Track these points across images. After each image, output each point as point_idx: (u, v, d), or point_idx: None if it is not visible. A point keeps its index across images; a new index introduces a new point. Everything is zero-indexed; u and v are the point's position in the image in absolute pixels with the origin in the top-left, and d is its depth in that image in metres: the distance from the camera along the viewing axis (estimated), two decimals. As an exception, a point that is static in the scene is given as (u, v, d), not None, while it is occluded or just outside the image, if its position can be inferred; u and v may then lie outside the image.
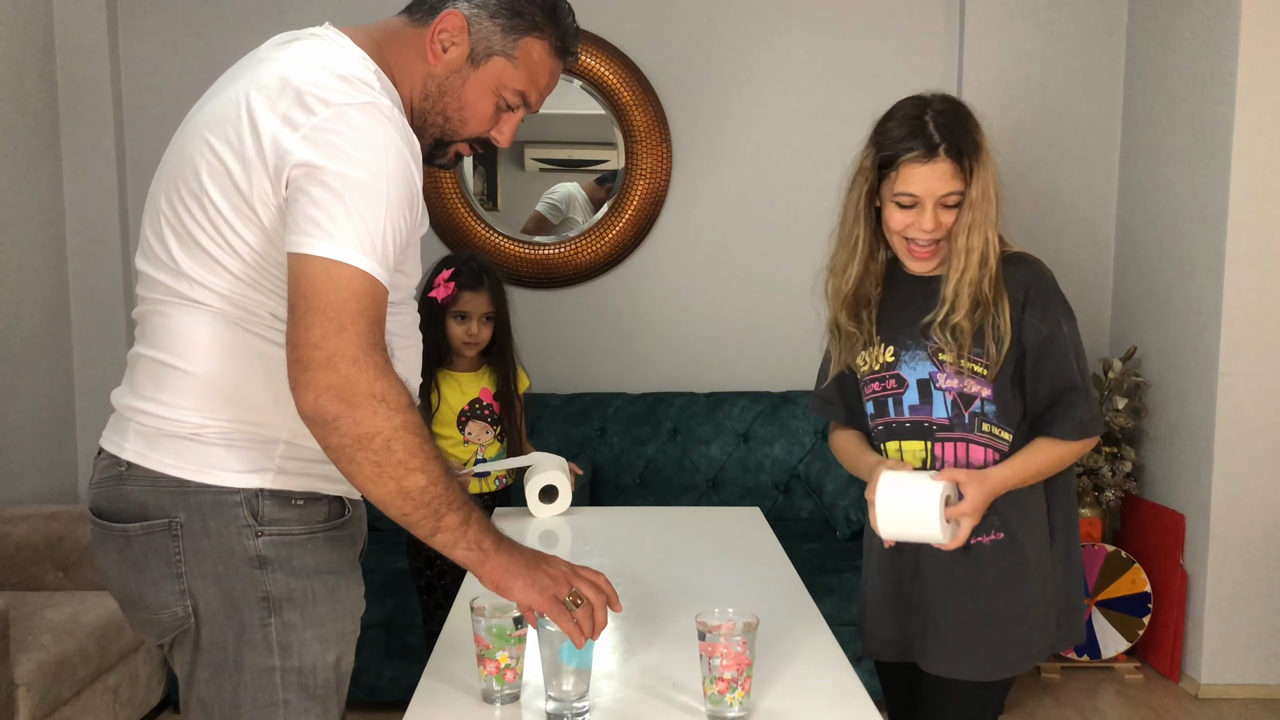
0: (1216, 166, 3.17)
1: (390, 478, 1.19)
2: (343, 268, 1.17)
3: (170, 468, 1.29)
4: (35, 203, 3.42)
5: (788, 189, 3.75)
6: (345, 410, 1.16)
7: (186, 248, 1.28)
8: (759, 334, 3.80)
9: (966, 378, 1.68)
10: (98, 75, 3.57)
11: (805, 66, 3.72)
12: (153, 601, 1.31)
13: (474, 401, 2.58)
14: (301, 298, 1.17)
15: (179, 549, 1.29)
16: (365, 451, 1.17)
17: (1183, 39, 3.36)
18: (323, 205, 1.18)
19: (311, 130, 1.20)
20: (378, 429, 1.17)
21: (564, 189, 3.79)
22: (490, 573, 1.27)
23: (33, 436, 3.38)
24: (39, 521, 2.97)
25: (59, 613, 2.66)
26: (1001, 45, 3.65)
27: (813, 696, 1.40)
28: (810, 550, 3.16)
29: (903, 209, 1.66)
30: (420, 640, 2.90)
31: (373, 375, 1.17)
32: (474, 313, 2.53)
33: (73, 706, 2.57)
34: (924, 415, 1.71)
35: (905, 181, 1.64)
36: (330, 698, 1.35)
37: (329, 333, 1.16)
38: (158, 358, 1.31)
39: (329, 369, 1.15)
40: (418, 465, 1.19)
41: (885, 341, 1.76)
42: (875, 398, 1.77)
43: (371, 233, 1.19)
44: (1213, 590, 3.21)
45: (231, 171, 1.24)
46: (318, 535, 1.34)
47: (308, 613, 1.31)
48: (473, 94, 1.38)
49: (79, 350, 3.63)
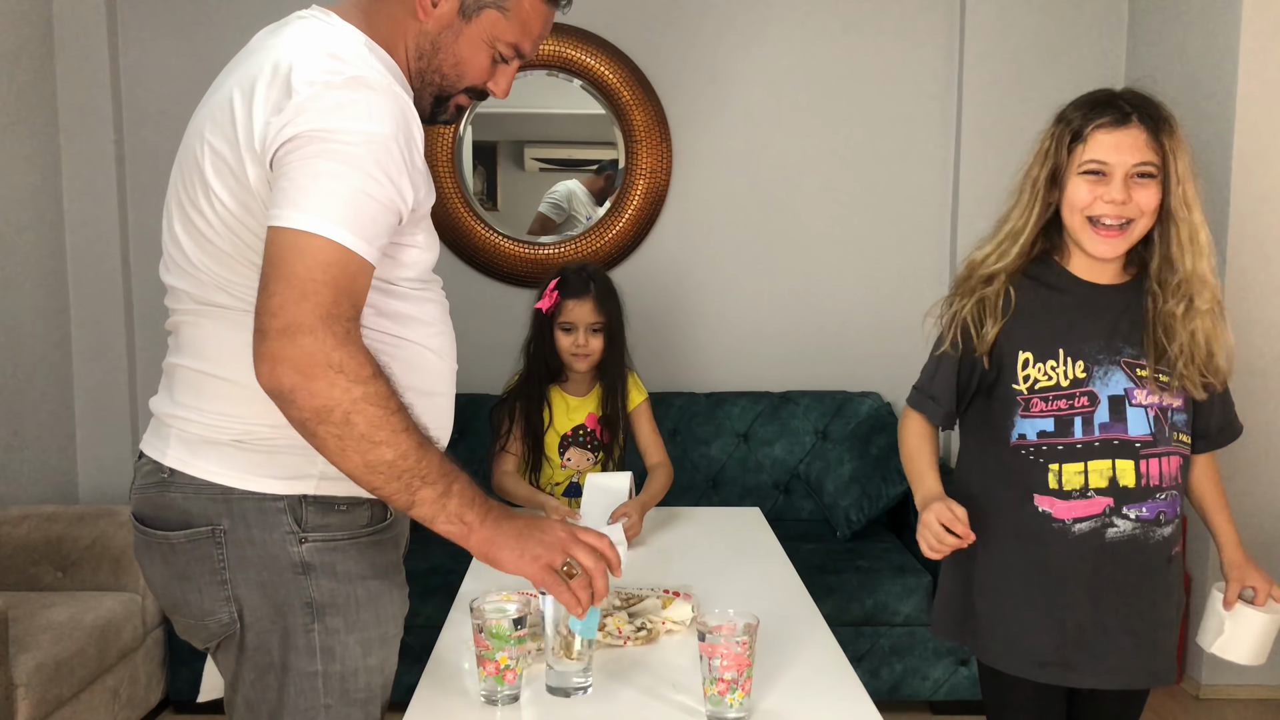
0: (1217, 166, 3.16)
1: (355, 451, 1.15)
2: (312, 238, 1.14)
3: (213, 475, 1.29)
4: (35, 203, 3.42)
5: (788, 189, 3.75)
6: (301, 382, 1.12)
7: (203, 248, 1.27)
8: (759, 334, 3.80)
9: (1163, 391, 1.60)
10: (98, 75, 3.57)
11: (805, 66, 3.72)
12: (198, 608, 1.31)
13: (578, 428, 2.46)
14: (270, 266, 1.14)
15: (223, 556, 1.29)
16: (325, 425, 1.14)
17: (1183, 39, 3.36)
18: (296, 178, 1.16)
19: (293, 109, 1.18)
20: (335, 401, 1.13)
21: (564, 186, 3.79)
22: (477, 545, 1.24)
23: (33, 436, 3.38)
24: (39, 521, 2.97)
25: (59, 613, 2.66)
26: (1001, 45, 3.65)
27: (813, 697, 1.40)
28: (810, 550, 3.16)
29: (1089, 178, 1.54)
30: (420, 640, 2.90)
31: (330, 345, 1.12)
32: (579, 323, 2.39)
33: (73, 706, 2.57)
34: (1118, 433, 1.59)
35: (1094, 149, 1.53)
36: (372, 702, 1.36)
37: (289, 300, 1.12)
38: (195, 366, 1.31)
39: (285, 339, 1.11)
40: (383, 439, 1.15)
41: (1072, 356, 1.60)
42: (1058, 416, 1.60)
43: (347, 203, 1.16)
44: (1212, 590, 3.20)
45: (230, 164, 1.23)
46: (360, 540, 1.33)
47: (350, 618, 1.31)
48: (466, 48, 1.37)
49: (79, 350, 3.63)
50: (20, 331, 3.32)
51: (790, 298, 3.80)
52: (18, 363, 3.31)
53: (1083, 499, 1.60)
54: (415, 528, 1.47)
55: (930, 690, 3.06)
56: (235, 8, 3.64)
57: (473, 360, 3.78)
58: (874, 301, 3.80)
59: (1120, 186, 1.51)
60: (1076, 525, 1.61)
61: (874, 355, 3.80)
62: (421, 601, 2.99)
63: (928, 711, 3.12)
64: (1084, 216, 1.56)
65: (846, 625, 2.98)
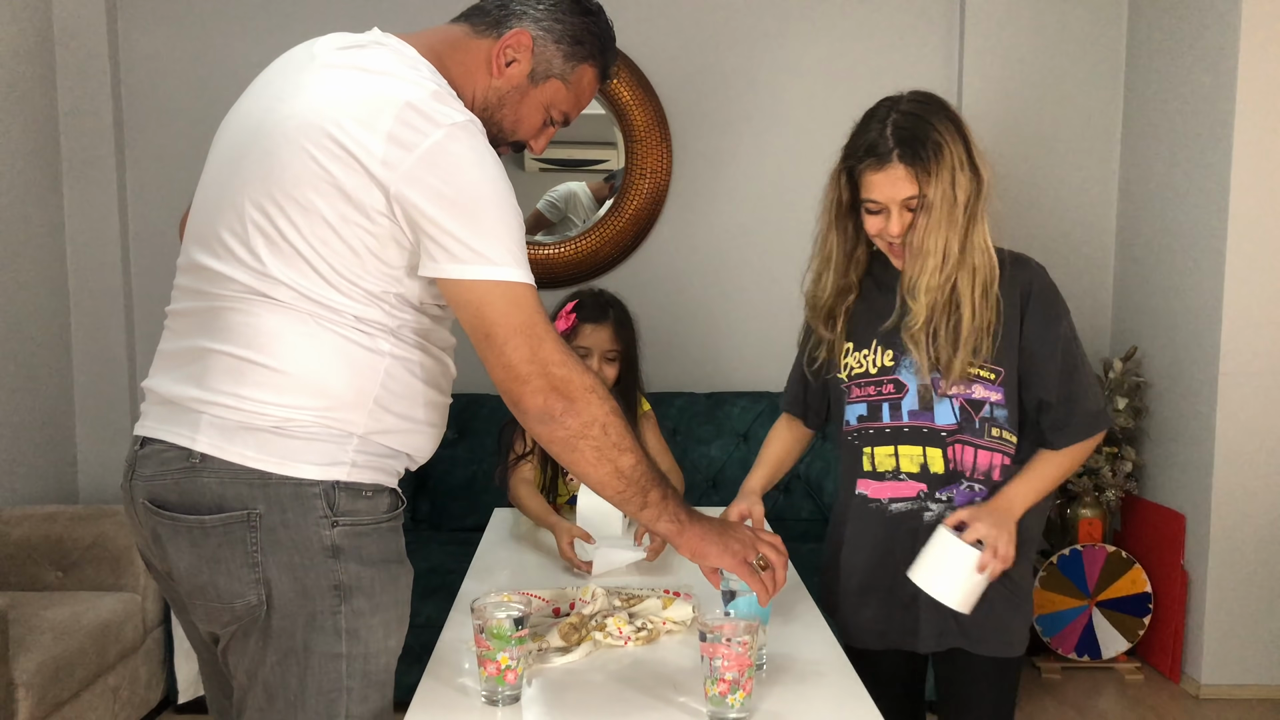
0: (1217, 166, 3.17)
1: (608, 459, 1.35)
2: (513, 287, 1.31)
3: (251, 460, 1.31)
4: (35, 204, 3.42)
5: (788, 188, 3.75)
6: (568, 405, 1.32)
7: (278, 251, 1.30)
8: (759, 334, 3.80)
9: (973, 383, 1.68)
10: (98, 76, 3.57)
11: (805, 66, 3.72)
12: (226, 591, 1.33)
13: None
14: (494, 325, 1.31)
15: (256, 539, 1.31)
16: (585, 439, 1.34)
17: (1183, 39, 3.36)
18: (469, 230, 1.29)
19: (426, 153, 1.27)
20: (594, 416, 1.33)
21: (566, 187, 3.79)
22: (688, 541, 1.45)
23: (33, 436, 3.38)
24: (39, 521, 2.97)
25: (59, 613, 2.66)
26: (1002, 45, 3.65)
27: (814, 697, 1.40)
28: (810, 550, 3.15)
29: (871, 214, 1.71)
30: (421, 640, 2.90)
31: (580, 370, 1.34)
32: (595, 349, 2.33)
33: (73, 706, 2.57)
34: (926, 421, 1.71)
35: (867, 189, 1.70)
36: (389, 683, 1.41)
37: (534, 348, 1.31)
38: (238, 354, 1.32)
39: (547, 377, 1.32)
40: (628, 446, 1.36)
41: (883, 345, 1.74)
42: (869, 401, 1.76)
43: (514, 244, 1.32)
44: (1213, 590, 3.21)
45: (340, 183, 1.27)
46: (382, 525, 1.38)
47: (374, 599, 1.36)
48: (528, 109, 1.49)
49: (79, 351, 3.63)
50: (20, 331, 3.32)
51: (790, 298, 3.77)
52: (18, 363, 3.31)
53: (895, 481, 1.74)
54: None
55: (930, 690, 3.05)
56: (235, 8, 3.64)
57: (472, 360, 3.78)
58: (874, 301, 3.80)
59: (896, 220, 1.68)
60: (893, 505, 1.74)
61: (874, 355, 3.80)
62: (421, 601, 2.98)
63: (928, 711, 3.12)
64: (879, 239, 1.74)
65: (846, 625, 2.98)
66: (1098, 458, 3.44)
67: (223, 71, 3.63)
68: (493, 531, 2.26)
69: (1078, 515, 3.44)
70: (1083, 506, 3.43)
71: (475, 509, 3.36)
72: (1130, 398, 3.50)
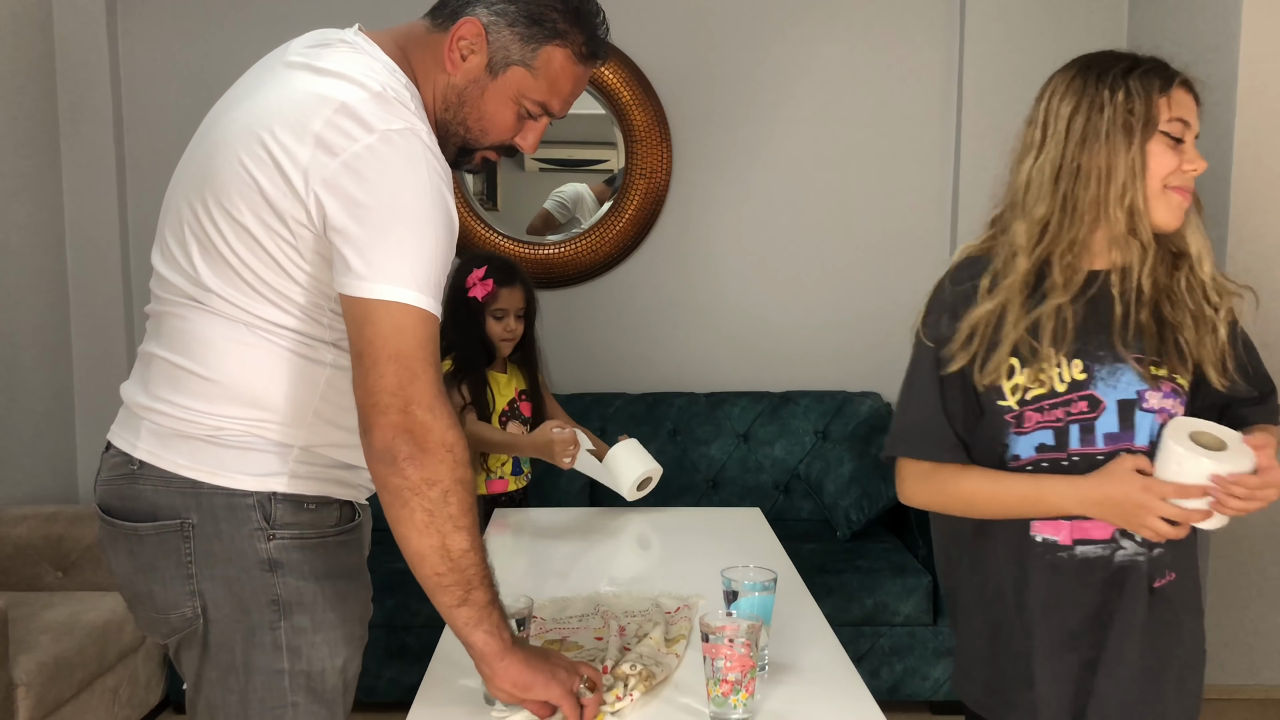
0: (1217, 166, 3.16)
1: (438, 531, 1.19)
2: (406, 311, 1.19)
3: (184, 468, 1.29)
4: (35, 204, 3.42)
5: (787, 189, 3.75)
6: (416, 452, 1.18)
7: (209, 259, 1.27)
8: (759, 334, 3.80)
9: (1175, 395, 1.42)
10: (98, 77, 3.56)
11: (805, 66, 3.72)
12: (162, 601, 1.31)
13: (511, 402, 2.61)
14: (369, 344, 1.19)
15: (190, 550, 1.28)
16: (421, 497, 1.18)
17: (1183, 39, 3.36)
18: (375, 243, 1.18)
19: (352, 158, 1.19)
20: (440, 476, 1.19)
21: (573, 189, 3.78)
22: (509, 668, 1.23)
23: (33, 436, 3.38)
24: (39, 521, 2.97)
25: (59, 613, 2.66)
26: (1002, 45, 3.65)
27: (816, 697, 1.40)
28: (810, 550, 3.16)
29: (1171, 145, 1.38)
30: (421, 640, 2.90)
31: (445, 424, 1.19)
32: (510, 309, 2.57)
33: (73, 706, 2.57)
34: (1125, 443, 1.40)
35: (1179, 107, 1.37)
36: (338, 702, 1.35)
37: (404, 381, 1.18)
38: (175, 361, 1.30)
39: (406, 414, 1.18)
40: (466, 525, 1.21)
41: (1068, 355, 1.41)
42: (1054, 427, 1.41)
43: (424, 267, 1.20)
44: (1213, 590, 3.21)
45: (264, 191, 1.22)
46: (329, 539, 1.33)
47: (317, 617, 1.31)
48: (492, 104, 1.35)
49: (79, 350, 3.63)
50: (20, 331, 3.32)
51: (790, 297, 3.80)
52: (18, 363, 3.31)
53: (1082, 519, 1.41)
54: (377, 530, 1.47)
55: (930, 690, 3.06)
56: (235, 8, 3.63)
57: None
58: (874, 301, 3.80)
59: (1193, 150, 1.40)
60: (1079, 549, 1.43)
61: (874, 355, 3.80)
62: (421, 602, 2.99)
63: (927, 712, 3.13)
64: (1164, 185, 1.40)
65: (846, 625, 2.98)
66: (1098, 458, 3.43)
67: (223, 72, 3.61)
68: (493, 531, 2.26)
69: (1078, 515, 3.43)
70: (1083, 506, 3.43)
71: (475, 509, 3.35)
72: (1130, 398, 3.49)
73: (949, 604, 1.61)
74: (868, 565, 3.07)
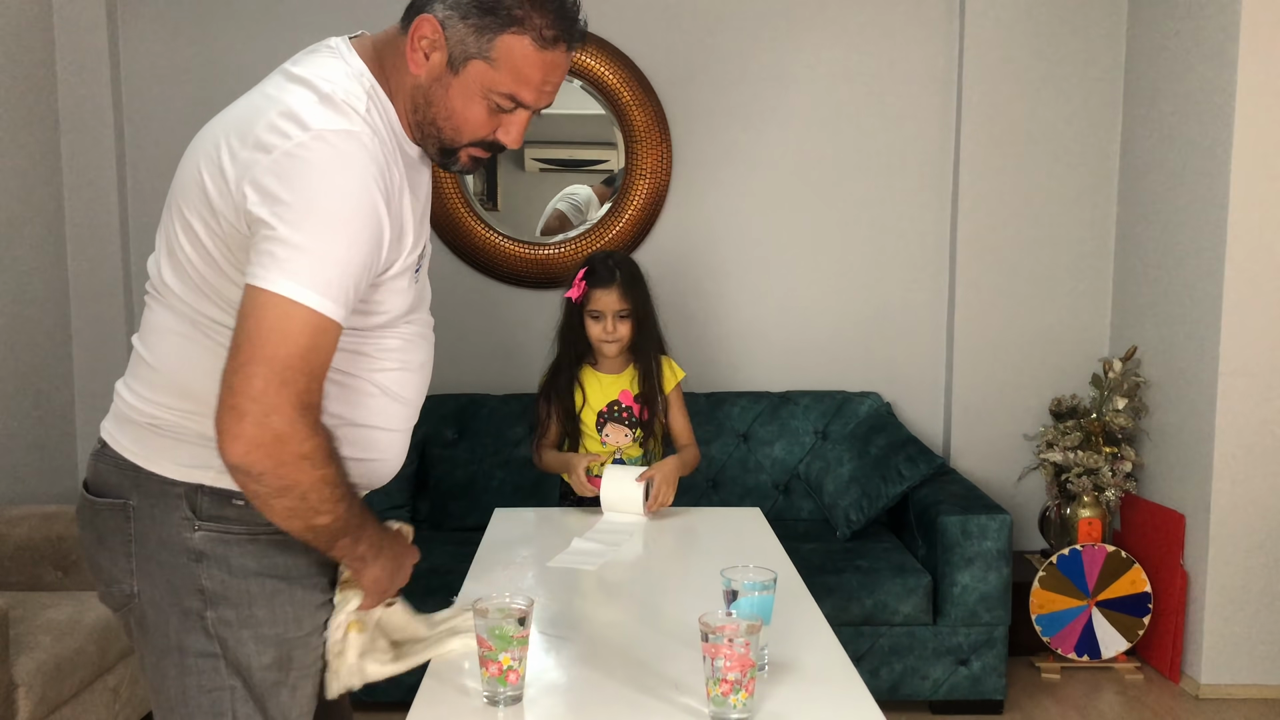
0: (1217, 166, 3.17)
1: (300, 518, 1.23)
2: (295, 310, 1.16)
3: (128, 452, 1.36)
4: (35, 203, 3.42)
5: (788, 189, 3.75)
6: (272, 467, 1.18)
7: (170, 258, 1.33)
8: (759, 334, 3.80)
9: None
10: (98, 77, 3.57)
11: (805, 66, 3.72)
12: (109, 574, 1.38)
13: (613, 404, 2.53)
14: (248, 339, 1.16)
15: (130, 530, 1.34)
16: (283, 499, 1.21)
17: (1183, 38, 3.36)
18: (282, 238, 1.17)
19: (281, 155, 1.19)
20: (297, 482, 1.20)
21: (584, 190, 3.79)
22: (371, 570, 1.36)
23: (33, 436, 3.38)
24: (39, 521, 2.96)
25: (59, 613, 2.65)
26: (1001, 45, 3.65)
27: (816, 697, 1.40)
28: (810, 550, 3.16)
29: None
30: (420, 640, 2.90)
31: (303, 436, 1.18)
32: (607, 311, 2.47)
33: (73, 706, 2.57)
34: None
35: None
36: (268, 699, 1.36)
37: (270, 388, 1.16)
38: (136, 348, 1.39)
39: (263, 426, 1.16)
40: (327, 509, 1.24)
41: None
42: None
43: (328, 270, 1.18)
44: (1213, 590, 3.21)
45: (208, 191, 1.26)
46: (260, 538, 1.34)
47: (243, 613, 1.34)
48: (458, 101, 1.31)
49: (79, 350, 3.63)
50: (20, 331, 3.32)
51: (790, 298, 3.80)
52: (18, 363, 3.31)
53: None
54: None
55: (930, 690, 3.06)
56: (235, 8, 3.63)
57: (472, 360, 3.79)
58: (874, 301, 3.80)
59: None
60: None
61: (874, 355, 3.81)
62: (421, 602, 2.97)
63: (927, 711, 3.13)
64: None
65: (846, 625, 2.98)
66: (1097, 458, 3.43)
67: (223, 72, 3.63)
68: (493, 531, 2.26)
69: (1077, 515, 3.44)
70: (1082, 506, 3.43)
71: (475, 509, 3.35)
72: (1130, 398, 3.50)
73: None
74: (868, 565, 3.07)
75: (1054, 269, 3.76)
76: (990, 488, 3.73)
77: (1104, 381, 3.55)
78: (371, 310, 1.34)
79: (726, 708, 1.30)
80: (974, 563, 3.01)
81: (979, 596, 3.02)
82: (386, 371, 1.40)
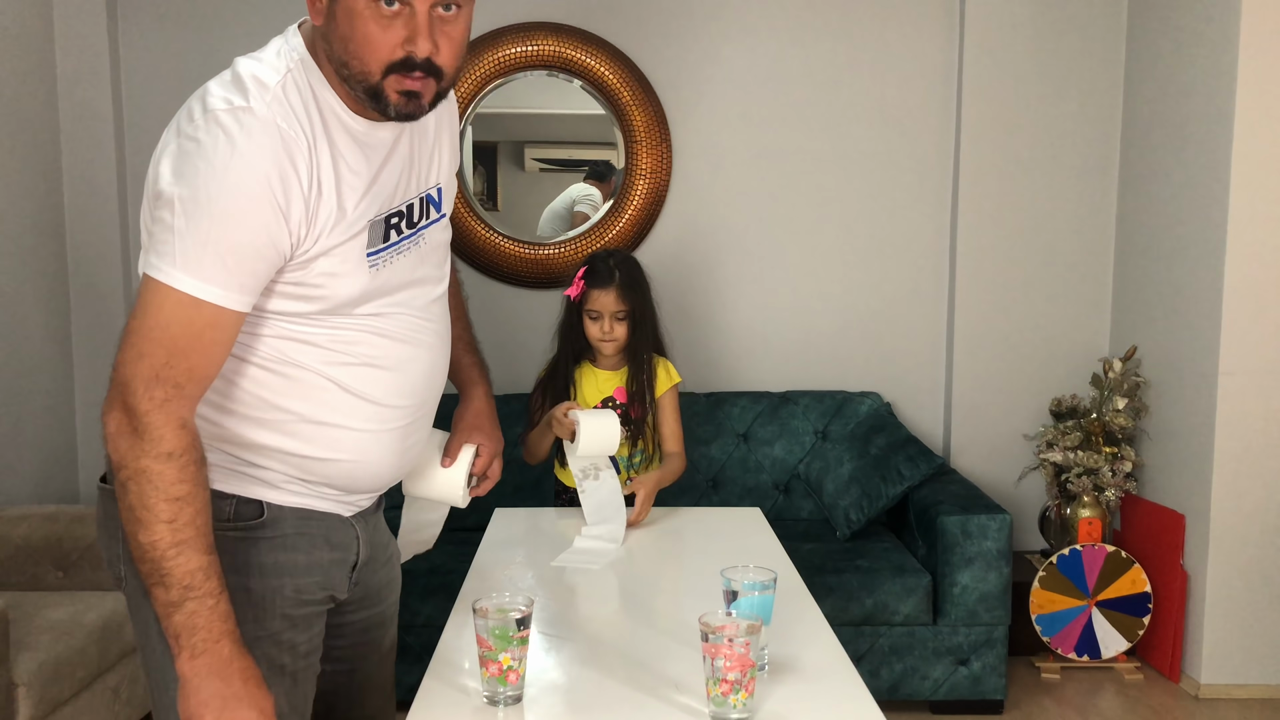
0: (1217, 165, 3.17)
1: (125, 516, 1.22)
2: (166, 292, 1.19)
3: None
4: (35, 205, 3.42)
5: (787, 189, 3.75)
6: (112, 434, 1.21)
7: None
8: (759, 334, 3.80)
9: None
10: (98, 77, 3.56)
11: (805, 66, 3.72)
12: (107, 552, 1.42)
13: (607, 400, 2.54)
14: (130, 318, 1.22)
15: (118, 515, 1.34)
16: (117, 478, 1.22)
17: (1183, 38, 3.36)
18: (163, 222, 1.20)
19: (182, 139, 1.24)
20: (123, 461, 1.20)
21: (596, 191, 3.79)
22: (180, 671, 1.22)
23: (33, 436, 3.38)
24: (39, 521, 2.96)
25: (59, 613, 2.65)
26: (1001, 45, 3.65)
27: (816, 697, 1.40)
28: (810, 550, 3.16)
29: None
30: (421, 640, 2.90)
31: (143, 409, 1.19)
32: (604, 311, 2.48)
33: (73, 706, 2.57)
34: None
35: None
36: None
37: (130, 357, 1.20)
38: None
39: (116, 390, 1.20)
40: (142, 519, 1.20)
41: None
42: None
43: (200, 250, 1.19)
44: (1213, 590, 3.21)
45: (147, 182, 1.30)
46: (225, 533, 1.33)
47: None
48: (345, 25, 1.26)
49: (79, 350, 3.63)
50: (21, 331, 3.32)
51: (790, 298, 3.80)
52: (18, 362, 3.31)
53: None
54: None
55: (930, 690, 3.06)
56: (235, 8, 3.63)
57: (472, 360, 3.79)
58: (874, 301, 3.80)
59: None
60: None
61: (874, 355, 3.81)
62: (421, 601, 2.99)
63: (927, 711, 3.13)
64: None
65: (846, 625, 2.98)
66: (1097, 458, 3.43)
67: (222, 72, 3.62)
68: (493, 531, 2.26)
69: (1077, 515, 3.44)
70: (1082, 506, 3.43)
71: (475, 509, 3.35)
72: (1130, 397, 3.50)
73: None
74: (867, 565, 3.07)
75: (1054, 269, 3.76)
76: (990, 488, 3.73)
77: (1104, 381, 3.55)
78: (308, 295, 1.31)
79: (726, 708, 1.30)
80: (974, 563, 3.01)
81: (979, 596, 3.02)
82: (346, 366, 1.37)
